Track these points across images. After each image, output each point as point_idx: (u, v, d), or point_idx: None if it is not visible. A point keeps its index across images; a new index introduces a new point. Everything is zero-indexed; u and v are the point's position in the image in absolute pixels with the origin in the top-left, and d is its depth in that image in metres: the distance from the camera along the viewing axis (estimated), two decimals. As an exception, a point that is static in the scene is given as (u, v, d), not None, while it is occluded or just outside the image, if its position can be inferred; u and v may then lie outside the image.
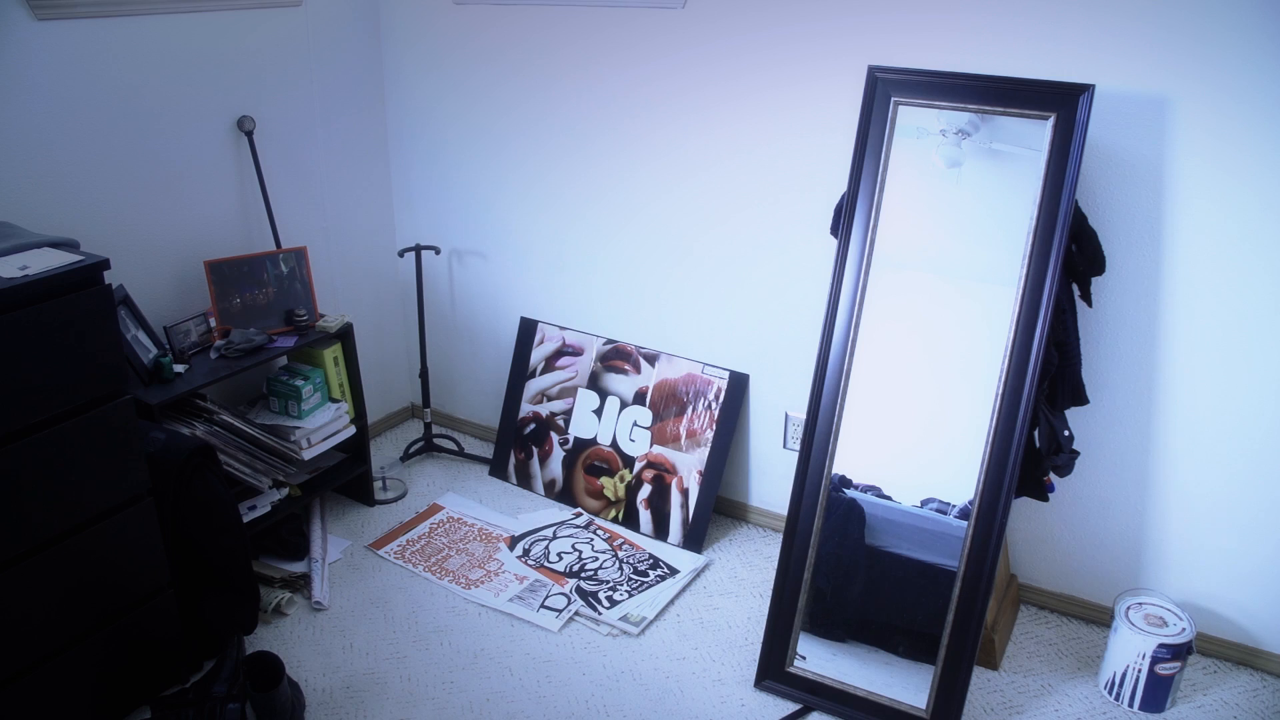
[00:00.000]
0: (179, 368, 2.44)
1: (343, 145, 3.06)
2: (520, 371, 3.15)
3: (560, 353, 3.08)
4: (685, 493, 2.82)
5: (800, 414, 2.71)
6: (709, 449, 2.80)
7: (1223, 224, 2.10)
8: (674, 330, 2.89)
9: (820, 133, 2.45)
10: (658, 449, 2.88)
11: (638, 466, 2.91)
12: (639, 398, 2.92)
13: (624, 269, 2.92)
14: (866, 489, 2.22)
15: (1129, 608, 2.28)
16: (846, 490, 2.23)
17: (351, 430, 2.84)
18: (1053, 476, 2.24)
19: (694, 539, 2.80)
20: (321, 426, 2.72)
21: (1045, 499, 2.27)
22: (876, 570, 2.21)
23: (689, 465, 2.83)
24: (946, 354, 2.16)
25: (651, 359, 2.92)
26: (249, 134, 2.72)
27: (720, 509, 2.97)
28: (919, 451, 2.19)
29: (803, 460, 2.24)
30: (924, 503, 2.17)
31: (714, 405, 2.81)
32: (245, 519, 2.54)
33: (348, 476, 2.93)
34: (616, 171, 2.82)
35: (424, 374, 3.25)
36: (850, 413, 2.20)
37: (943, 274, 2.16)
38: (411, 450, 3.29)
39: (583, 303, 3.04)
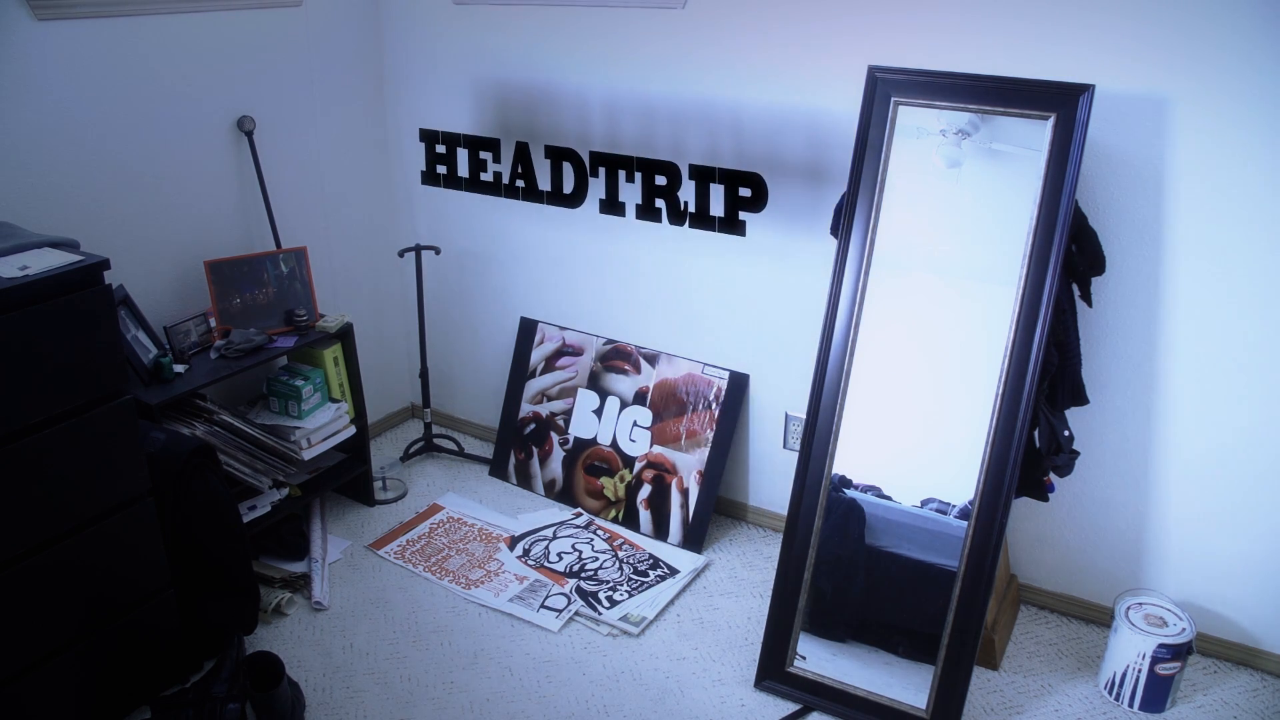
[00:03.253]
0: (179, 368, 2.44)
1: (343, 145, 3.06)
2: (520, 371, 3.15)
3: (560, 353, 3.08)
4: (685, 493, 2.82)
5: (800, 414, 2.70)
6: (709, 449, 2.80)
7: (1222, 223, 2.10)
8: (674, 330, 2.89)
9: (820, 132, 2.45)
10: (658, 449, 2.88)
11: (638, 466, 2.90)
12: (639, 398, 2.92)
13: (624, 269, 2.92)
14: (866, 489, 2.22)
15: (1129, 608, 2.28)
16: (846, 490, 2.23)
17: (351, 430, 2.84)
18: (1053, 476, 2.24)
19: (694, 539, 2.80)
20: (321, 426, 2.72)
21: (1045, 499, 2.27)
22: (877, 570, 2.21)
23: (689, 465, 2.82)
24: (946, 354, 2.16)
25: (651, 359, 2.92)
26: (249, 134, 2.72)
27: (720, 509, 2.97)
28: (919, 452, 2.19)
29: (803, 460, 2.24)
30: (924, 503, 2.17)
31: (714, 405, 2.81)
32: (245, 519, 2.54)
33: (348, 476, 2.93)
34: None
35: (424, 374, 3.25)
36: (850, 413, 2.20)
37: (943, 274, 2.16)
38: (411, 450, 3.29)
39: (583, 303, 3.04)
